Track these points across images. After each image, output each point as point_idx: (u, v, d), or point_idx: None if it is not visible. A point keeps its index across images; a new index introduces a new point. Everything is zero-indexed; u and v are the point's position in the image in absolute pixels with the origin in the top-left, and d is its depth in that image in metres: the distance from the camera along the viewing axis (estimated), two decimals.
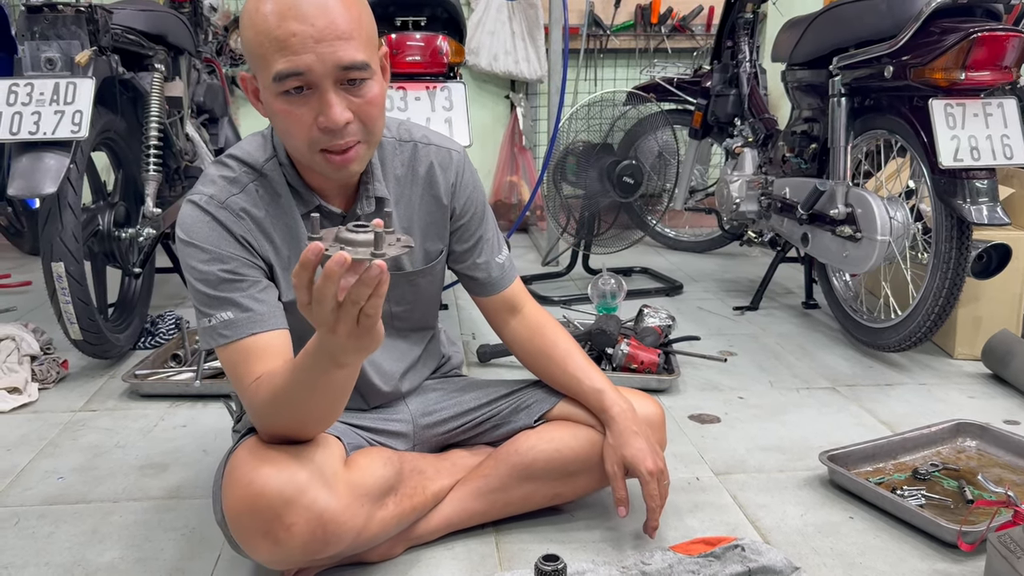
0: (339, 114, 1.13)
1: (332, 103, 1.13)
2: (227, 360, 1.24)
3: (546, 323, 1.51)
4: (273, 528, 1.15)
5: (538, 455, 1.42)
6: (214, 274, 1.23)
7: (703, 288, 3.21)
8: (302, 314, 1.02)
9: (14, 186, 1.98)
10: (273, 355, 1.22)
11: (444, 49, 2.38)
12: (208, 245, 1.23)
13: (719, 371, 2.31)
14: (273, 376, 1.18)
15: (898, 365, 2.36)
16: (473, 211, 1.45)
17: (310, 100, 1.14)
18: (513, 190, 4.30)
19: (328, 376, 1.11)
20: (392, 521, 1.32)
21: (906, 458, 1.75)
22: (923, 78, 2.08)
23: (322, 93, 1.13)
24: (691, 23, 4.21)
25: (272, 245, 1.28)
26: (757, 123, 3.00)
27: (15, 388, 2.11)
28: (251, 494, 1.15)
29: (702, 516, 1.55)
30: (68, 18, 2.08)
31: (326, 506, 1.17)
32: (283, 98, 1.14)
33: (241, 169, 1.28)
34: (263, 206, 1.27)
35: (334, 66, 1.11)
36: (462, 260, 1.48)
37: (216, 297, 1.23)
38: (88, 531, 1.51)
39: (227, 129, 3.21)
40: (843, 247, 2.35)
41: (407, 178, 1.38)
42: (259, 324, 1.23)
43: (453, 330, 2.61)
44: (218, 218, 1.24)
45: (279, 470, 1.16)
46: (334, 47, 1.11)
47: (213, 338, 1.23)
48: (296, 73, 1.11)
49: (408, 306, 1.46)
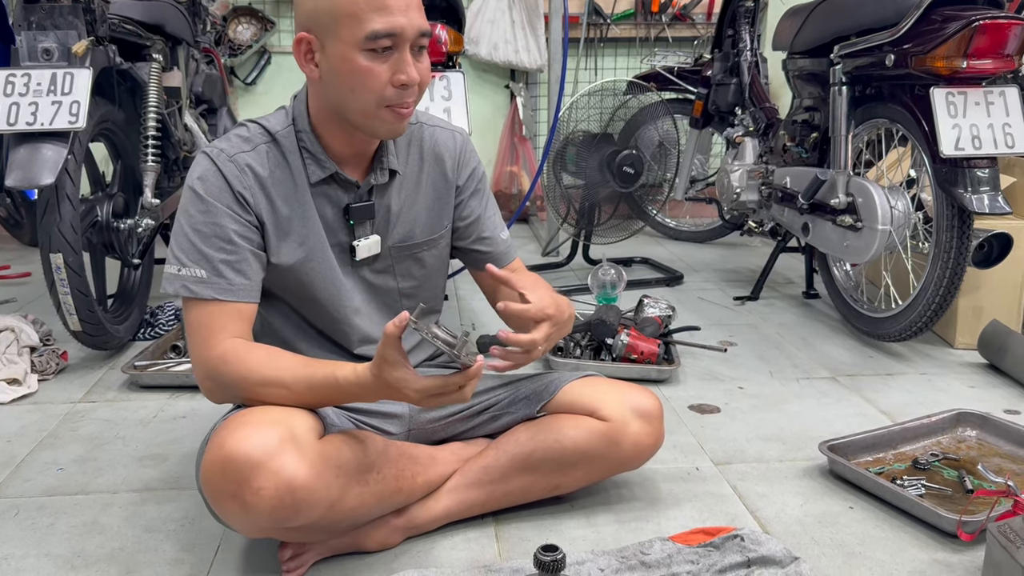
0: (415, 72, 1.26)
1: (410, 62, 1.25)
2: (189, 314, 1.30)
3: (529, 275, 1.50)
4: (241, 491, 1.15)
5: (538, 445, 1.42)
6: (203, 226, 1.29)
7: (703, 278, 3.20)
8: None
9: (12, 177, 1.97)
10: (234, 326, 1.28)
11: (443, 38, 2.36)
12: (206, 194, 1.29)
13: (719, 361, 2.31)
14: (249, 357, 1.25)
15: (899, 355, 2.36)
16: (475, 186, 1.52)
17: (389, 59, 1.24)
18: (513, 180, 4.29)
19: (347, 399, 1.27)
20: (372, 499, 1.32)
21: (906, 448, 1.75)
22: (924, 66, 2.06)
23: (402, 53, 1.24)
24: (692, 11, 4.19)
25: (271, 204, 1.33)
26: (758, 112, 2.99)
27: (15, 379, 2.11)
28: (222, 456, 1.17)
29: (701, 506, 1.55)
30: (65, 8, 2.07)
31: (294, 472, 1.17)
32: (368, 55, 1.23)
33: (257, 131, 1.35)
34: (270, 167, 1.33)
35: (418, 31, 1.25)
36: (467, 235, 1.52)
37: (198, 250, 1.28)
38: (88, 522, 1.51)
39: (226, 119, 3.20)
40: (844, 237, 2.34)
41: (416, 156, 1.45)
42: (228, 293, 1.29)
43: (453, 321, 2.61)
44: (222, 170, 1.30)
45: (250, 433, 1.17)
46: (417, 13, 1.25)
47: (176, 287, 1.29)
48: (391, 33, 1.22)
49: (415, 282, 1.50)
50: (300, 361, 1.28)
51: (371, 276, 1.45)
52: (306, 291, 1.39)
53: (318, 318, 1.43)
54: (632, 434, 1.43)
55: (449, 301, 2.81)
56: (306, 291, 1.39)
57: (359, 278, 1.43)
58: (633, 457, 1.47)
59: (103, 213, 2.34)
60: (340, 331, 1.43)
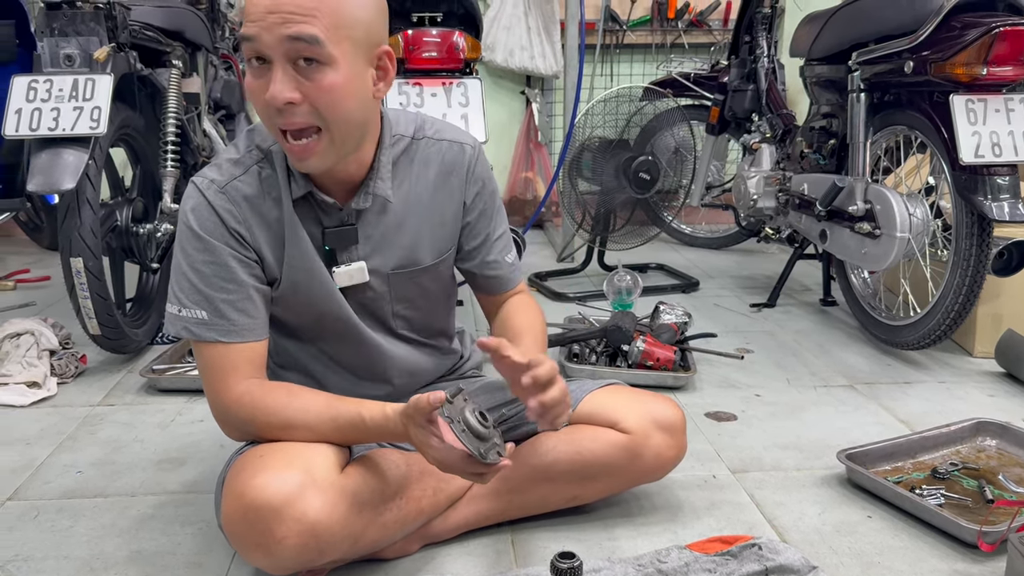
0: (279, 90, 1.12)
1: (276, 79, 1.12)
2: (198, 355, 1.29)
3: (528, 306, 1.49)
4: (265, 540, 1.15)
5: (558, 456, 1.41)
6: (202, 266, 1.24)
7: (719, 285, 3.19)
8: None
9: (33, 182, 1.99)
10: (246, 367, 1.26)
11: (460, 45, 2.37)
12: (203, 232, 1.24)
13: (736, 368, 2.30)
14: (267, 399, 1.24)
15: (917, 363, 2.34)
16: (483, 207, 1.43)
17: (265, 74, 1.14)
18: (528, 186, 4.29)
19: (374, 439, 1.26)
20: (395, 526, 1.31)
21: (925, 457, 1.73)
22: (944, 73, 2.05)
23: (273, 68, 1.12)
24: (708, 18, 4.18)
25: (268, 231, 1.28)
26: (775, 119, 2.98)
27: (34, 382, 2.12)
28: (243, 506, 1.16)
29: (719, 514, 1.54)
30: (87, 15, 2.09)
31: (316, 517, 1.16)
32: (249, 67, 1.15)
33: (247, 149, 1.29)
34: (262, 188, 1.27)
35: (281, 38, 1.10)
36: (470, 258, 1.46)
37: (198, 290, 1.25)
38: (107, 525, 1.52)
39: (243, 125, 3.22)
40: (862, 244, 2.33)
41: (420, 175, 1.37)
42: (232, 334, 1.26)
43: (468, 326, 2.61)
44: (214, 205, 1.24)
45: (269, 480, 1.15)
46: (284, 20, 1.09)
47: (177, 329, 1.27)
48: (247, 39, 1.12)
49: (409, 304, 1.43)
50: (324, 401, 1.26)
51: (363, 300, 1.38)
52: (311, 314, 1.34)
53: (331, 342, 1.40)
54: (654, 447, 1.42)
55: (464, 306, 2.81)
56: (311, 314, 1.34)
57: (352, 301, 1.37)
58: (655, 470, 1.46)
59: (122, 218, 2.36)
60: (351, 349, 1.40)
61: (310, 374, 1.44)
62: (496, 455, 1.15)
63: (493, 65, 4.09)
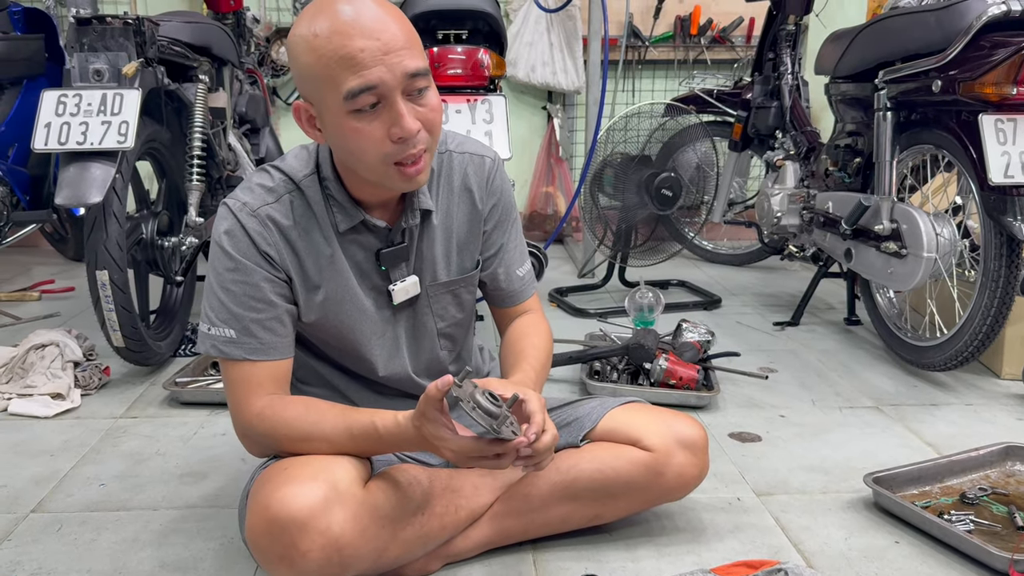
0: (411, 123, 1.16)
1: (404, 113, 1.15)
2: (224, 372, 1.31)
3: (536, 327, 1.49)
4: (289, 553, 1.15)
5: (580, 474, 1.40)
6: (232, 285, 1.26)
7: (742, 302, 3.17)
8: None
9: (61, 195, 2.01)
10: (270, 383, 1.28)
11: (485, 62, 2.38)
12: (234, 251, 1.26)
13: (760, 388, 2.28)
14: (286, 412, 1.25)
15: (943, 385, 2.31)
16: (499, 218, 1.46)
17: (380, 114, 1.16)
18: (549, 201, 4.29)
19: (389, 448, 1.25)
20: (417, 542, 1.31)
21: (953, 481, 1.71)
22: (973, 93, 2.03)
23: (391, 105, 1.15)
24: (731, 34, 4.18)
25: (296, 257, 1.30)
26: (799, 136, 2.96)
27: (58, 394, 2.14)
28: (267, 519, 1.16)
29: (744, 538, 1.53)
30: (116, 30, 2.11)
31: (341, 531, 1.17)
32: (354, 116, 1.16)
33: (280, 180, 1.31)
34: (295, 217, 1.29)
35: (403, 76, 1.14)
36: (484, 267, 1.48)
37: (227, 309, 1.27)
38: (129, 538, 1.52)
39: (268, 139, 3.24)
40: (888, 263, 2.31)
41: (446, 188, 1.40)
42: (258, 352, 1.27)
43: (485, 339, 2.60)
44: (246, 227, 1.26)
45: (294, 493, 1.16)
46: (400, 57, 1.14)
47: (207, 347, 1.29)
48: (369, 88, 1.13)
49: (453, 321, 1.46)
50: (339, 411, 1.26)
51: (411, 318, 1.42)
52: (339, 339, 1.37)
53: (356, 364, 1.42)
54: (676, 465, 1.41)
55: (483, 321, 2.81)
56: (339, 339, 1.37)
57: (401, 321, 1.41)
58: (677, 488, 1.44)
59: (148, 231, 2.37)
60: (374, 373, 1.42)
61: (336, 389, 1.45)
62: (511, 432, 1.13)
63: (515, 80, 4.10)
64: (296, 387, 1.45)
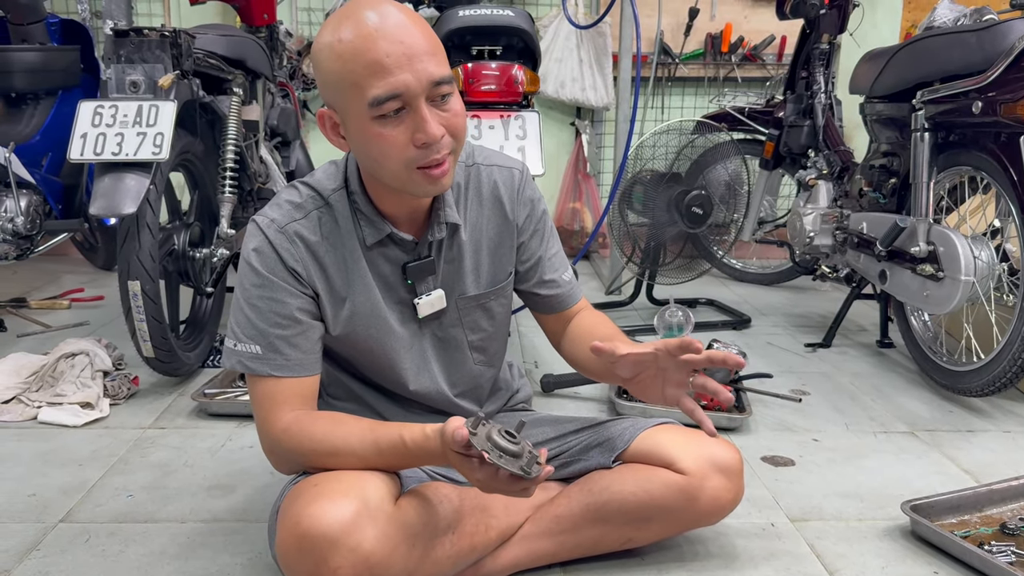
0: (435, 128, 1.16)
1: (428, 118, 1.16)
2: (251, 388, 1.31)
3: (601, 317, 1.50)
4: (319, 570, 1.14)
5: (612, 496, 1.38)
6: (258, 301, 1.27)
7: (772, 323, 3.13)
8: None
9: (96, 206, 2.02)
10: (296, 400, 1.28)
11: (519, 78, 2.37)
12: (262, 269, 1.27)
13: (792, 411, 2.24)
14: (314, 428, 1.24)
15: (980, 411, 2.26)
16: (534, 227, 1.46)
17: (404, 120, 1.16)
18: (576, 217, 4.28)
19: (417, 462, 1.22)
20: (447, 562, 1.29)
21: (993, 511, 1.66)
22: (1014, 115, 2.00)
23: (416, 111, 1.16)
24: (762, 52, 4.15)
25: (323, 272, 1.30)
26: (832, 155, 2.93)
27: (87, 403, 2.15)
28: (298, 535, 1.15)
29: (778, 565, 1.49)
30: (153, 42, 2.13)
31: (371, 549, 1.15)
32: (379, 123, 1.16)
33: (308, 195, 1.32)
34: (323, 234, 1.30)
35: (428, 82, 1.15)
36: (527, 279, 1.48)
37: (253, 325, 1.27)
38: (156, 551, 1.51)
39: (298, 152, 3.25)
40: (924, 286, 2.27)
41: (475, 201, 1.40)
42: (284, 369, 1.27)
43: (516, 359, 2.59)
44: (274, 243, 1.27)
45: (325, 509, 1.15)
46: (424, 63, 1.14)
47: (232, 363, 1.29)
48: (395, 95, 1.14)
49: (484, 334, 1.46)
50: (366, 425, 1.25)
51: (439, 332, 1.42)
52: (367, 353, 1.37)
53: (385, 379, 1.41)
54: (711, 489, 1.38)
55: (511, 338, 2.80)
56: (367, 353, 1.37)
57: (427, 335, 1.41)
58: (711, 513, 1.42)
59: (180, 242, 2.38)
60: (404, 388, 1.41)
61: (367, 404, 1.44)
62: (537, 467, 1.13)
63: (544, 96, 4.10)
64: (327, 402, 1.45)
